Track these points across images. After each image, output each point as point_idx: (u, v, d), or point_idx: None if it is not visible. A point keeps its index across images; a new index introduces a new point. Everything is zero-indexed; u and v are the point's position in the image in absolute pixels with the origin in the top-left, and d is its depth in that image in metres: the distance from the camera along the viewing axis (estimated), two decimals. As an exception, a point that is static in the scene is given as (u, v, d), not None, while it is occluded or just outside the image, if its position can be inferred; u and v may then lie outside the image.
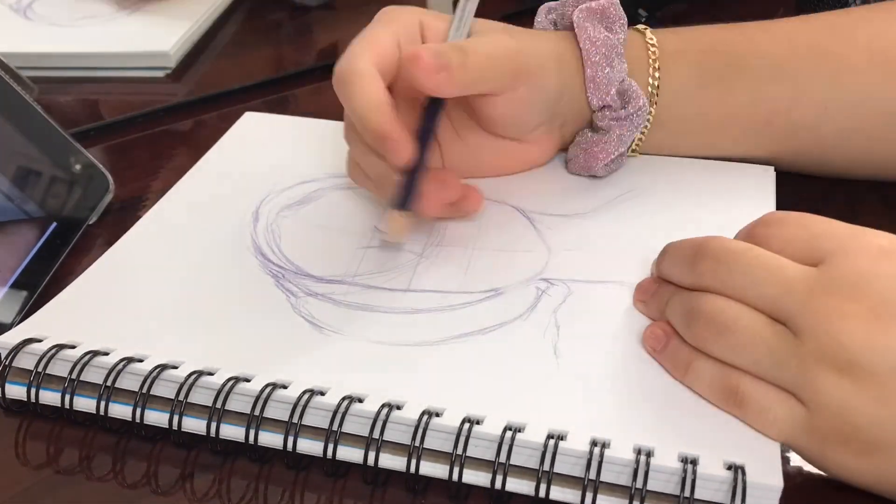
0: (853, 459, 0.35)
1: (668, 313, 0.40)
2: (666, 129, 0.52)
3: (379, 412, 0.37)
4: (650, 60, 0.51)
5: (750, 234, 0.40)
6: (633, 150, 0.53)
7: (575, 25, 0.50)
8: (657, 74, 0.51)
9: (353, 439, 0.37)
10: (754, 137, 0.52)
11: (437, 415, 0.37)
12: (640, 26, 0.52)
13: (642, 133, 0.52)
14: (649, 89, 0.51)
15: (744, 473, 0.34)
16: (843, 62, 0.49)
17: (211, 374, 0.39)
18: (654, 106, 0.51)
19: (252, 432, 0.37)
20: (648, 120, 0.51)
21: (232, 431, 0.38)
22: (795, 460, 0.37)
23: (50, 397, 0.40)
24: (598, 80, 0.49)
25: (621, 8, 0.50)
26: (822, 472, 0.37)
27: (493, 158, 0.52)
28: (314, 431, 0.38)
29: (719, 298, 0.38)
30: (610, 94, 0.49)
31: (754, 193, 0.51)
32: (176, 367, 0.39)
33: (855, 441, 0.34)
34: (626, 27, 0.50)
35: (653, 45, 0.51)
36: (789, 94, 0.50)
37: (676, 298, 0.40)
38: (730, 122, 0.51)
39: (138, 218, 0.50)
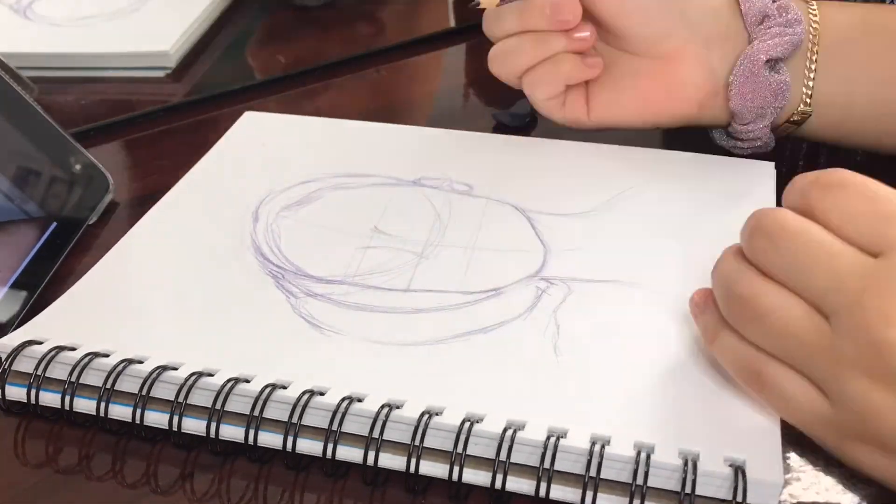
0: (871, 456, 0.34)
1: (713, 282, 0.38)
2: (836, 74, 0.49)
3: (379, 412, 0.37)
4: (809, 9, 0.49)
5: (806, 196, 0.35)
6: (805, 104, 0.50)
7: None
8: (817, 18, 0.49)
9: (353, 439, 0.37)
10: None
11: (437, 414, 0.37)
12: None
13: (809, 80, 0.49)
14: (809, 34, 0.49)
15: (744, 470, 0.34)
16: None
17: (211, 375, 0.39)
18: (818, 49, 0.49)
19: (252, 433, 0.37)
20: (814, 57, 0.49)
21: (232, 432, 0.38)
22: (796, 458, 0.37)
23: (50, 399, 0.40)
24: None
25: None
26: (823, 470, 0.36)
27: (638, 85, 0.52)
28: (314, 431, 0.38)
29: (759, 282, 0.35)
30: (767, 4, 0.48)
31: (754, 190, 0.51)
32: (176, 369, 0.39)
33: (877, 442, 0.33)
34: None
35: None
36: None
37: (720, 268, 0.38)
38: None
39: (138, 218, 0.50)
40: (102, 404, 0.39)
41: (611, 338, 0.42)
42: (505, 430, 0.36)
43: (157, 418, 0.39)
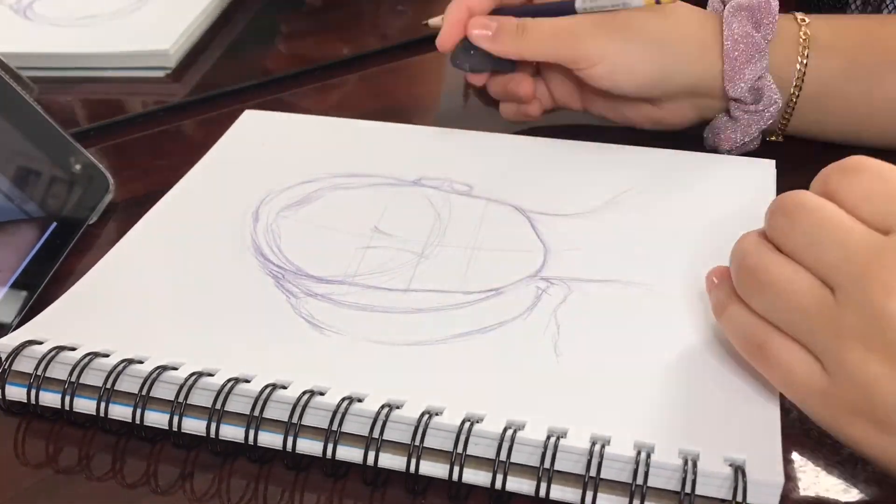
0: (865, 433, 0.34)
1: (731, 255, 0.39)
2: (809, 117, 0.54)
3: (379, 412, 0.37)
4: (799, 50, 0.53)
5: (826, 181, 0.37)
6: (776, 136, 0.57)
7: (723, 19, 0.53)
8: (804, 67, 0.53)
9: (353, 439, 0.37)
10: None
11: (437, 414, 0.37)
12: (799, 15, 0.54)
13: (782, 123, 0.55)
14: (794, 80, 0.53)
15: (744, 470, 0.34)
16: None
17: (211, 374, 0.39)
18: (796, 103, 0.54)
19: (252, 433, 0.37)
20: (790, 112, 0.54)
21: (232, 432, 0.38)
22: (797, 458, 0.37)
23: (50, 399, 0.40)
24: (732, 75, 0.52)
25: (776, 4, 0.52)
26: (823, 470, 0.36)
27: (626, 111, 0.57)
28: (314, 431, 0.38)
29: (771, 254, 0.37)
30: (742, 89, 0.52)
31: (755, 189, 0.51)
32: (176, 369, 0.39)
33: (871, 417, 0.33)
34: (775, 24, 0.52)
35: (804, 36, 0.53)
36: None
37: (738, 244, 0.39)
38: (876, 115, 0.54)
39: (138, 218, 0.50)
40: (102, 404, 0.39)
41: (611, 338, 0.42)
42: (505, 431, 0.36)
43: (157, 418, 0.39)
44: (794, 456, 0.37)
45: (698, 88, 0.54)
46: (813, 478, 0.37)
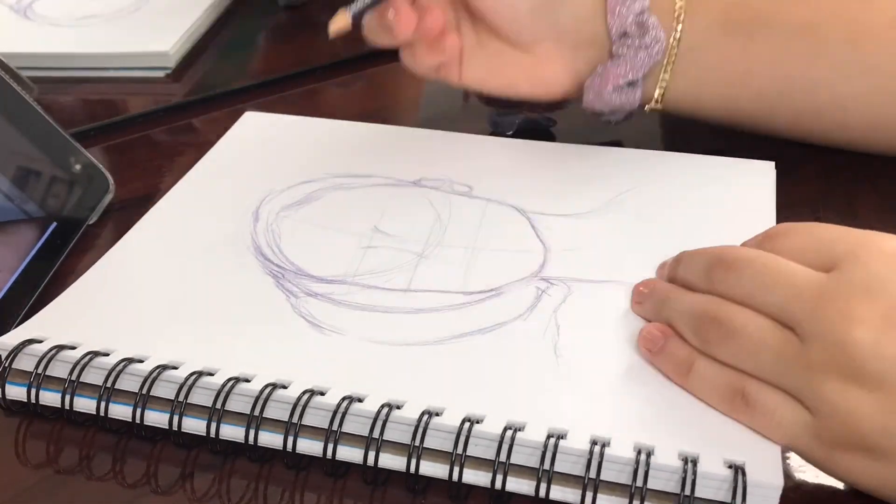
0: (859, 464, 0.34)
1: (672, 315, 0.40)
2: (687, 77, 0.52)
3: (379, 412, 0.37)
4: (675, 8, 0.51)
5: (759, 247, 0.39)
6: (656, 102, 0.53)
7: None
8: (680, 26, 0.51)
9: (353, 439, 0.37)
10: (775, 93, 0.52)
11: (437, 414, 0.37)
12: None
13: (663, 82, 0.52)
14: (671, 40, 0.51)
15: (744, 472, 0.34)
16: (864, 27, 0.50)
17: (211, 374, 0.39)
18: (676, 54, 0.51)
19: (252, 432, 0.37)
20: (670, 63, 0.51)
21: (232, 431, 0.38)
22: (796, 460, 0.37)
23: (50, 398, 0.40)
24: (615, 6, 0.50)
25: None
26: (822, 472, 0.36)
27: (507, 68, 0.53)
28: (314, 431, 0.38)
29: (728, 303, 0.38)
30: (628, 21, 0.50)
31: (754, 190, 0.51)
32: (176, 368, 0.39)
33: (861, 448, 0.34)
34: None
35: None
36: (810, 51, 0.50)
37: (685, 299, 0.40)
38: (751, 76, 0.52)
39: (138, 218, 0.50)
40: (103, 403, 0.39)
41: (611, 338, 0.42)
42: (505, 431, 0.36)
43: (157, 418, 0.39)
44: (794, 458, 0.37)
45: (581, 32, 0.51)
46: (812, 480, 0.37)
